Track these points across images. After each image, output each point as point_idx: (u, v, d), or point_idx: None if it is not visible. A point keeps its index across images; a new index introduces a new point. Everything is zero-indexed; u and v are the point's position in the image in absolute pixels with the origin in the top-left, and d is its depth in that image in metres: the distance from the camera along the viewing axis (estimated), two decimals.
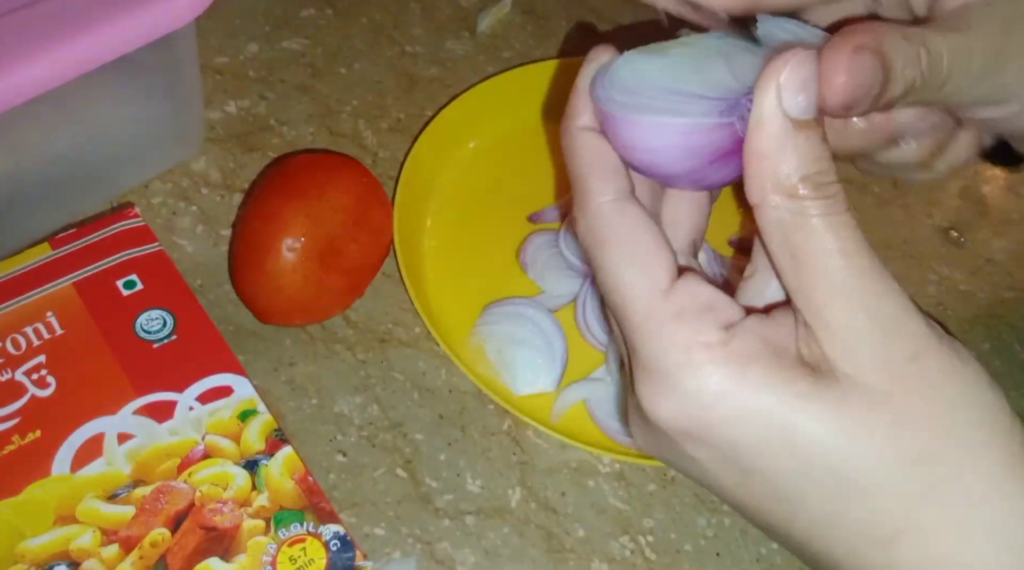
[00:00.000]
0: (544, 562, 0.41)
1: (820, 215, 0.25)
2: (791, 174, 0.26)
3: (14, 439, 0.34)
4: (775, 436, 0.26)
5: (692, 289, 0.27)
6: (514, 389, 0.45)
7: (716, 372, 0.26)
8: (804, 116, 0.26)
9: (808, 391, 0.26)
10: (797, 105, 0.25)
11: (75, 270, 0.39)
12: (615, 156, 0.29)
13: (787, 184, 0.26)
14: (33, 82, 0.37)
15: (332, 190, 0.44)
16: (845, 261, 0.25)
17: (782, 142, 0.25)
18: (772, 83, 0.25)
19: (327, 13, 0.60)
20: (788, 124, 0.25)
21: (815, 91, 0.26)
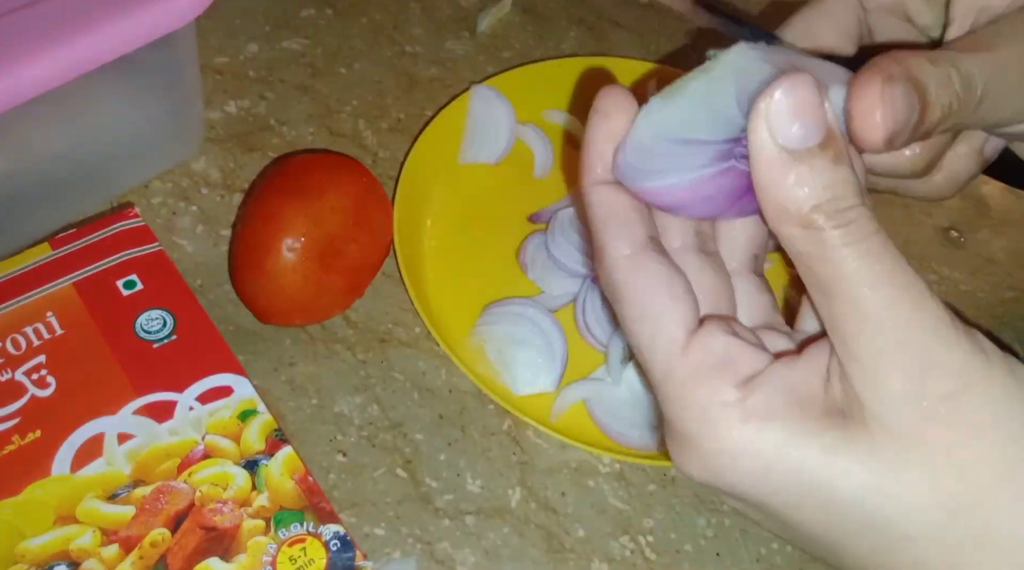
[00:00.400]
0: (544, 562, 0.41)
1: (841, 245, 0.24)
2: (801, 205, 0.24)
3: (14, 439, 0.34)
4: (803, 493, 0.25)
5: (708, 343, 0.26)
6: (514, 389, 0.45)
7: (734, 433, 0.25)
8: (803, 144, 0.24)
9: (835, 443, 0.25)
10: (792, 136, 0.24)
11: (75, 270, 0.39)
12: (631, 206, 0.28)
13: (799, 215, 0.24)
14: (33, 82, 0.37)
15: (332, 190, 0.44)
16: (872, 292, 0.24)
17: (782, 174, 0.24)
18: (760, 117, 0.24)
19: (327, 13, 0.60)
20: (784, 155, 0.24)
21: (812, 116, 0.24)
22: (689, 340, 0.27)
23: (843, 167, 0.24)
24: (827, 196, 0.24)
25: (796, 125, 0.24)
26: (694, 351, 0.26)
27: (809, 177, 0.24)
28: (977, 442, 0.24)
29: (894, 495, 0.24)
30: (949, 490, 0.24)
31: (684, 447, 0.27)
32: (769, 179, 0.24)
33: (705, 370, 0.26)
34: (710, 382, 0.26)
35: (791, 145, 0.24)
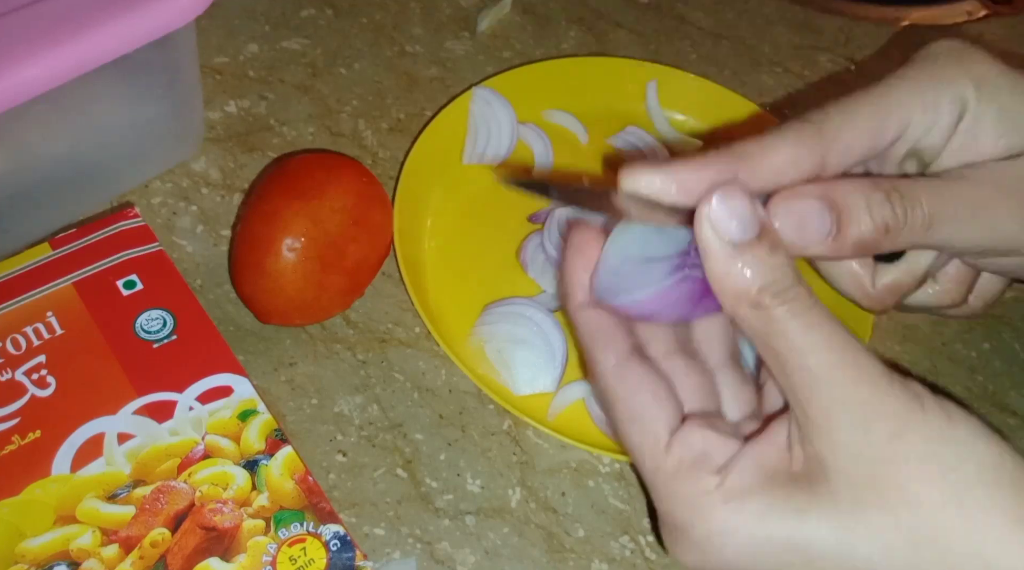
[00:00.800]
0: (544, 562, 0.41)
1: (786, 319, 0.28)
2: (750, 287, 0.28)
3: (14, 439, 0.34)
4: (788, 556, 0.29)
5: (687, 440, 0.30)
6: (514, 389, 0.45)
7: (718, 517, 0.29)
8: (743, 237, 0.28)
9: (806, 503, 0.28)
10: (732, 231, 0.28)
11: (75, 270, 0.39)
12: (613, 323, 0.32)
13: (749, 296, 0.28)
14: (33, 82, 0.37)
15: (332, 190, 0.44)
16: (816, 358, 0.28)
17: (730, 264, 0.28)
18: (703, 220, 0.28)
19: (327, 13, 0.60)
20: (729, 248, 0.28)
21: (745, 214, 0.28)
22: (671, 439, 0.30)
23: (779, 254, 0.29)
24: (770, 278, 0.28)
25: (734, 222, 0.28)
26: (675, 448, 0.30)
27: (753, 263, 0.28)
28: (922, 475, 0.27)
29: (862, 538, 0.28)
30: (908, 524, 0.27)
31: (678, 536, 0.30)
32: (720, 270, 0.28)
33: (687, 464, 0.30)
34: (692, 474, 0.30)
35: (733, 239, 0.28)
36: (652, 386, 0.31)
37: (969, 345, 0.52)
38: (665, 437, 0.30)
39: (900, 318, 0.52)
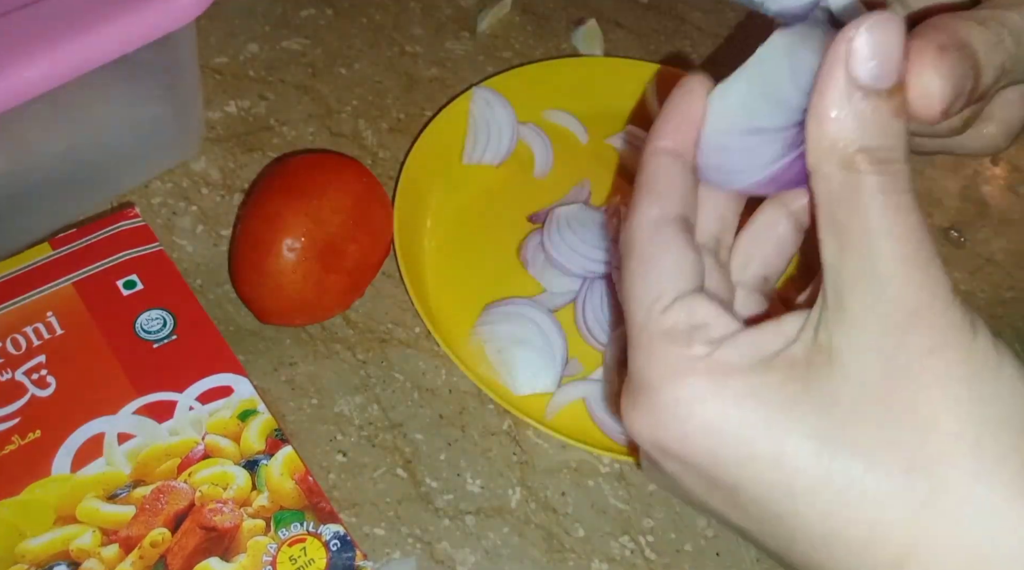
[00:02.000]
0: (544, 562, 0.41)
1: (874, 192, 0.24)
2: (850, 143, 0.24)
3: (14, 439, 0.34)
4: (757, 445, 0.25)
5: (692, 307, 0.27)
6: (514, 389, 0.45)
7: (695, 382, 0.25)
8: (875, 84, 0.24)
9: (796, 395, 0.25)
10: (868, 71, 0.24)
11: (75, 270, 0.39)
12: (680, 182, 0.29)
13: (845, 153, 0.24)
14: (33, 82, 0.37)
15: (332, 190, 0.44)
16: (886, 244, 0.24)
17: (843, 107, 0.24)
18: (841, 47, 0.24)
19: (327, 13, 0.60)
20: (852, 89, 0.24)
21: (890, 59, 0.24)
22: (674, 302, 0.27)
23: (901, 121, 0.24)
24: (877, 142, 0.24)
25: (873, 63, 0.24)
26: (675, 311, 0.27)
27: (869, 118, 0.24)
28: (945, 400, 0.24)
29: (854, 450, 0.24)
30: (909, 447, 0.24)
31: (641, 398, 0.27)
32: (827, 110, 0.24)
33: (682, 328, 0.26)
34: (683, 338, 0.26)
35: (864, 82, 0.24)
36: (681, 254, 0.27)
37: None
38: (669, 298, 0.27)
39: None
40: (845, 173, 0.24)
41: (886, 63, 0.24)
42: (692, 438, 0.26)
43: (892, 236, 0.24)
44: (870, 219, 0.24)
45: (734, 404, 0.25)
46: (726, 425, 0.25)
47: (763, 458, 0.25)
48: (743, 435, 0.25)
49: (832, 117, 0.24)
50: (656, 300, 0.27)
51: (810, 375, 0.25)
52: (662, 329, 0.26)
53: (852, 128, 0.24)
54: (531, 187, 0.54)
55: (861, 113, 0.24)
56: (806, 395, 0.25)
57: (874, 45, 0.24)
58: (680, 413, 0.26)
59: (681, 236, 0.28)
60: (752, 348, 0.26)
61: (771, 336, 0.26)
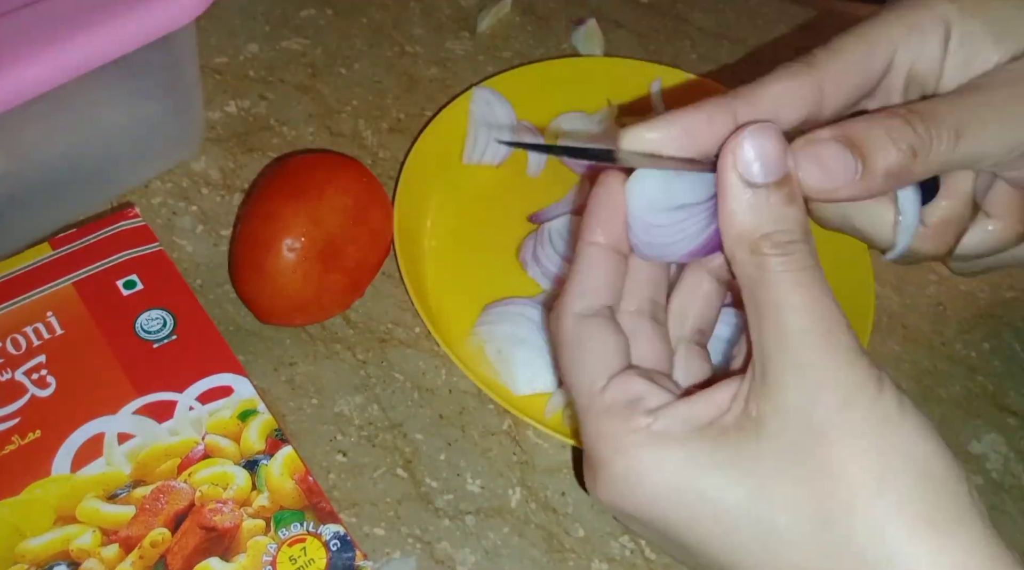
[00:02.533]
0: (544, 562, 0.41)
1: (779, 271, 0.28)
2: (753, 231, 0.28)
3: (14, 439, 0.34)
4: (700, 506, 0.28)
5: (625, 385, 0.31)
6: (514, 389, 0.45)
7: (640, 454, 0.29)
8: (760, 180, 0.28)
9: (728, 459, 0.28)
10: (752, 172, 0.28)
11: (75, 270, 0.39)
12: (605, 272, 0.33)
13: (751, 240, 0.28)
14: (33, 82, 0.37)
15: (332, 190, 0.44)
16: (792, 317, 0.27)
17: (740, 203, 0.28)
18: (728, 156, 0.28)
19: (327, 13, 0.60)
20: (746, 189, 0.28)
21: (771, 158, 0.28)
22: (609, 382, 0.31)
23: (794, 207, 0.29)
24: (776, 227, 0.28)
25: (757, 164, 0.28)
26: (611, 390, 0.31)
27: (764, 208, 0.28)
28: (852, 452, 0.27)
29: (775, 503, 0.27)
30: (822, 496, 0.27)
31: (598, 472, 0.30)
32: (730, 208, 0.29)
33: (619, 405, 0.30)
34: (623, 412, 0.30)
35: (752, 178, 0.28)
36: (605, 338, 0.32)
37: (969, 345, 0.52)
38: (603, 380, 0.31)
39: (900, 318, 0.52)
40: (754, 257, 0.28)
41: (768, 161, 0.28)
42: (645, 505, 0.29)
43: (795, 310, 0.27)
44: (776, 295, 0.28)
45: (675, 471, 0.29)
46: (671, 491, 0.29)
47: (704, 517, 0.29)
48: (685, 499, 0.29)
49: (733, 212, 0.28)
50: (592, 383, 0.31)
51: (740, 441, 0.28)
52: (603, 408, 0.30)
53: (751, 219, 0.28)
54: (531, 187, 0.54)
55: (756, 206, 0.28)
56: (737, 459, 0.28)
57: (754, 149, 0.28)
58: (631, 483, 0.29)
59: (604, 324, 0.32)
60: (687, 418, 0.29)
61: (704, 407, 0.29)
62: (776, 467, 0.27)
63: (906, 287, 0.53)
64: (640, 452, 0.29)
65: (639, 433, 0.29)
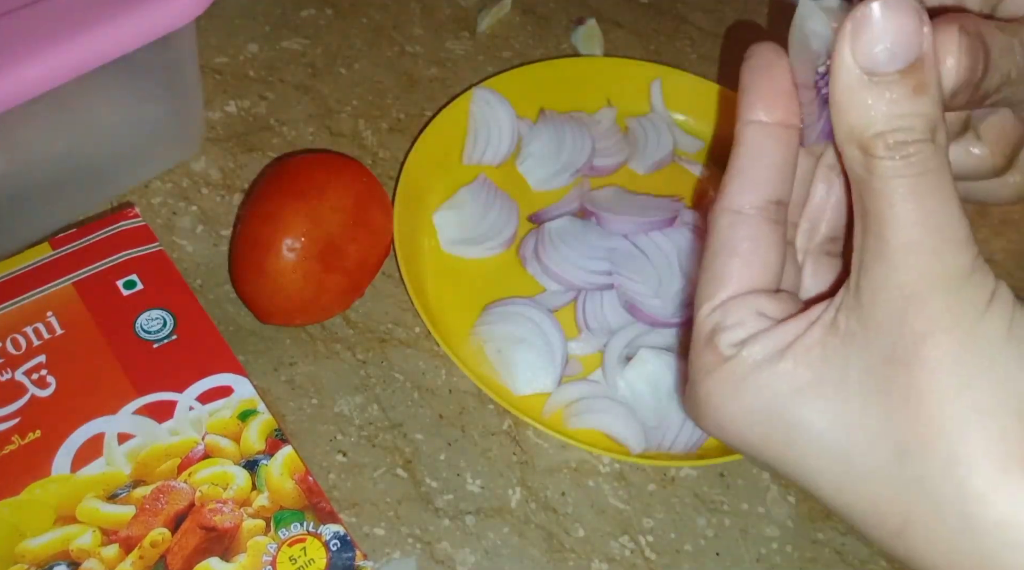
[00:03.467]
0: (544, 562, 0.41)
1: (887, 178, 0.24)
2: (864, 129, 0.24)
3: (14, 439, 0.34)
4: (774, 431, 0.27)
5: (732, 309, 0.29)
6: (514, 389, 0.45)
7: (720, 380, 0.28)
8: (883, 68, 0.24)
9: (808, 379, 0.26)
10: (872, 57, 0.24)
11: (75, 270, 0.39)
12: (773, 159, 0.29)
13: (862, 138, 0.24)
14: (33, 82, 0.37)
15: (332, 190, 0.44)
16: (899, 231, 0.24)
17: (852, 95, 0.24)
18: (845, 35, 0.24)
19: (327, 13, 0.60)
20: (859, 76, 0.24)
21: (901, 39, 0.24)
22: (723, 303, 0.29)
23: (923, 99, 0.24)
24: (893, 126, 0.24)
25: (879, 46, 0.24)
26: (720, 312, 0.29)
27: (879, 103, 0.24)
28: (938, 385, 0.24)
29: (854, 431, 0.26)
30: (901, 431, 0.25)
31: (688, 389, 0.30)
32: (842, 99, 0.24)
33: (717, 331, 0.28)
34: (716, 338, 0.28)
35: (872, 67, 0.24)
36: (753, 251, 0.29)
37: None
38: (721, 299, 0.29)
39: None
40: (865, 157, 0.24)
41: (896, 44, 0.24)
42: (724, 427, 0.29)
43: (903, 223, 0.24)
44: (884, 205, 0.24)
45: (752, 398, 0.27)
46: (746, 416, 0.28)
47: (780, 441, 0.27)
48: (760, 423, 0.27)
49: (847, 106, 0.24)
50: (709, 299, 0.29)
51: (823, 358, 0.26)
52: (703, 331, 0.29)
53: (866, 113, 0.24)
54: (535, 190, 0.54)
55: (876, 98, 0.24)
56: (817, 381, 0.26)
57: (880, 28, 0.24)
58: (712, 404, 0.29)
59: (763, 228, 0.29)
60: (775, 342, 0.27)
61: (795, 325, 0.27)
62: (856, 391, 0.25)
63: None
64: (719, 379, 0.28)
65: (723, 361, 0.28)
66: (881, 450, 0.25)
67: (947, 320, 0.24)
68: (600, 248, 0.49)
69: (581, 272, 0.48)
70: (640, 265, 0.49)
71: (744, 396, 0.28)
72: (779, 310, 0.28)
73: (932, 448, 0.24)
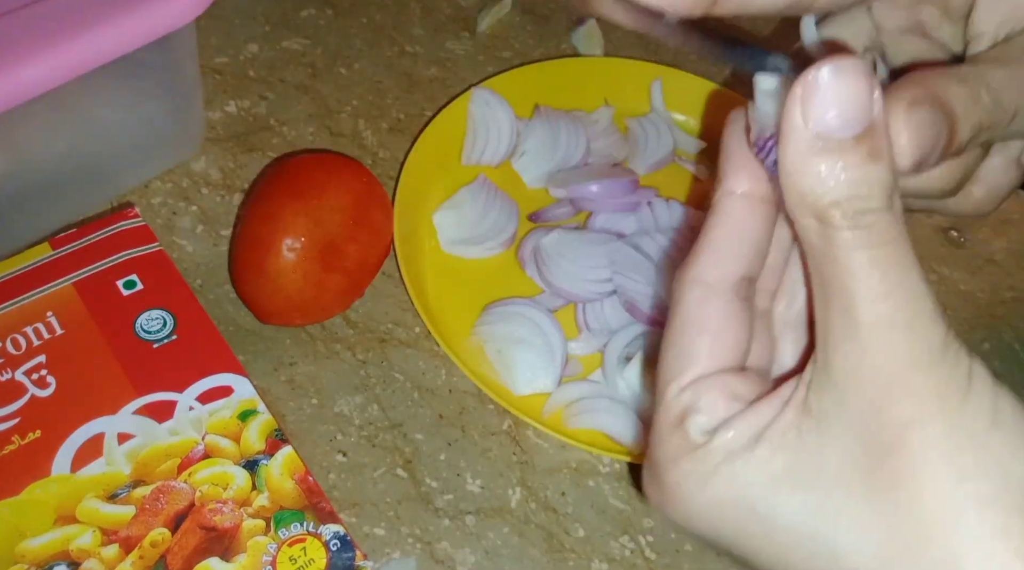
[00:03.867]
0: (544, 562, 0.41)
1: (853, 248, 0.23)
2: (819, 197, 0.23)
3: (14, 439, 0.34)
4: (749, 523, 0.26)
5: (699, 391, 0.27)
6: (514, 389, 0.45)
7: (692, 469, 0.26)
8: (837, 134, 0.22)
9: (785, 467, 0.25)
10: (825, 122, 0.22)
11: (75, 270, 0.39)
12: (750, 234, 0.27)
13: (816, 207, 0.23)
14: (33, 82, 0.37)
15: (332, 190, 0.44)
16: (866, 306, 0.23)
17: (804, 161, 0.23)
18: (796, 99, 0.23)
19: (327, 13, 0.60)
20: (811, 142, 0.23)
21: (855, 107, 0.22)
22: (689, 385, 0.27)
23: (878, 166, 0.23)
24: (849, 194, 0.23)
25: (832, 112, 0.22)
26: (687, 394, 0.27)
27: (836, 170, 0.22)
28: (929, 474, 0.23)
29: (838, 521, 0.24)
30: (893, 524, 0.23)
31: (653, 473, 0.28)
32: (793, 165, 0.23)
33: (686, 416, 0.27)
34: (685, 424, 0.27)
35: (824, 132, 0.22)
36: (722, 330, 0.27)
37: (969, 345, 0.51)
38: (688, 379, 0.27)
39: None
40: (821, 226, 0.23)
41: (850, 109, 0.22)
42: (693, 519, 0.27)
43: (871, 297, 0.23)
44: (848, 278, 0.23)
45: (725, 489, 0.25)
46: (720, 508, 0.26)
47: (756, 534, 0.26)
48: (735, 515, 0.26)
49: (799, 172, 0.23)
50: (677, 377, 0.27)
51: (799, 443, 0.25)
52: (672, 415, 0.27)
53: (819, 181, 0.23)
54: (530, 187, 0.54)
55: (829, 165, 0.23)
56: (795, 468, 0.25)
57: (832, 94, 0.22)
58: (681, 496, 0.27)
59: (735, 306, 0.27)
60: (748, 427, 0.26)
61: (768, 407, 0.26)
62: (836, 479, 0.24)
63: None
64: (689, 467, 0.26)
65: (694, 448, 0.26)
66: (869, 543, 0.23)
67: (931, 405, 0.23)
68: (600, 254, 0.49)
69: (584, 283, 0.48)
70: (640, 265, 0.49)
71: (717, 487, 0.26)
72: (749, 390, 0.27)
73: (928, 544, 0.23)
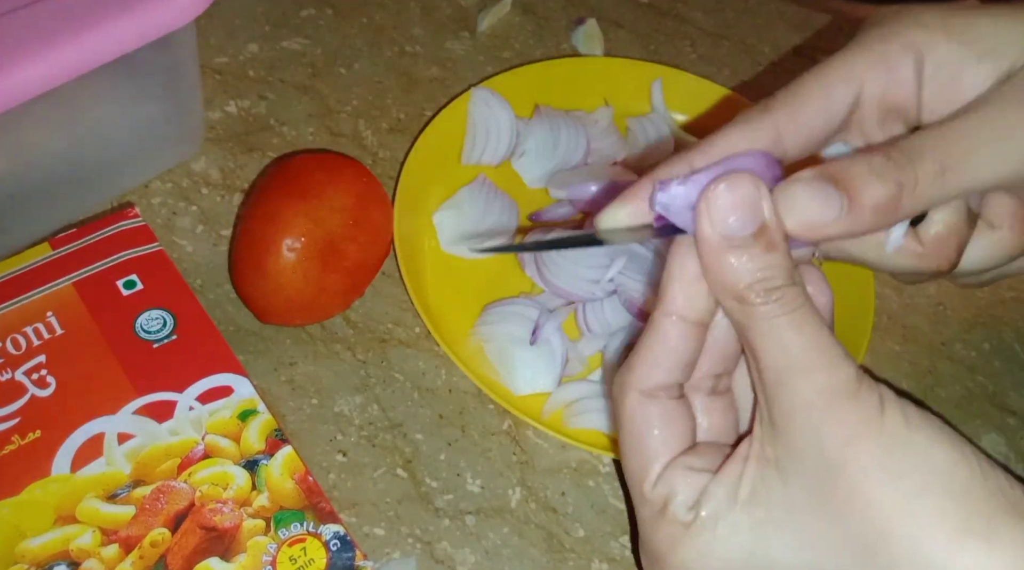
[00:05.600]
0: (544, 562, 0.41)
1: (771, 317, 0.28)
2: (735, 284, 0.28)
3: (14, 439, 0.34)
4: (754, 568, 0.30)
5: (670, 480, 0.31)
6: (514, 389, 0.45)
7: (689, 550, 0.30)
8: (740, 233, 0.28)
9: (764, 516, 0.29)
10: (728, 226, 0.28)
11: (75, 270, 0.39)
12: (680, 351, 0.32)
13: (735, 292, 0.29)
14: (33, 82, 0.37)
15: (332, 190, 0.44)
16: (787, 359, 0.28)
17: (718, 258, 0.29)
18: (703, 212, 0.29)
19: (327, 13, 0.60)
20: (719, 242, 0.28)
21: (747, 210, 0.28)
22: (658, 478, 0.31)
23: (775, 254, 0.28)
24: (759, 276, 0.28)
25: (732, 217, 0.28)
26: (660, 487, 0.31)
27: (744, 260, 0.28)
28: (873, 482, 0.27)
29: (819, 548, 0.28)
30: (857, 533, 0.27)
31: (657, 564, 0.32)
32: (710, 263, 0.29)
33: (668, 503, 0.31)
34: (670, 510, 0.31)
35: (728, 233, 0.28)
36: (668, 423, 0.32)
37: (969, 345, 0.52)
38: (655, 473, 0.32)
39: (900, 318, 0.52)
40: (742, 306, 0.29)
41: (745, 213, 0.28)
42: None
43: (789, 352, 0.28)
44: (772, 340, 0.28)
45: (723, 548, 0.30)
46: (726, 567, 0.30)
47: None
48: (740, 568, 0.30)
49: (716, 267, 0.29)
50: (646, 476, 0.32)
51: (766, 489, 0.29)
52: (655, 508, 0.31)
53: (733, 271, 0.28)
54: (530, 188, 0.54)
55: (737, 258, 0.28)
56: (768, 509, 0.29)
57: (730, 203, 0.28)
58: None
59: (671, 406, 0.32)
60: (724, 490, 0.30)
61: (733, 468, 0.30)
62: (804, 509, 0.28)
63: (906, 287, 0.53)
64: (688, 544, 0.30)
65: (685, 528, 0.30)
66: (846, 554, 0.28)
67: (858, 426, 0.27)
68: (600, 253, 0.49)
69: (584, 283, 0.48)
70: (641, 264, 0.49)
71: (717, 552, 0.30)
72: (710, 461, 0.31)
73: (888, 540, 0.27)
